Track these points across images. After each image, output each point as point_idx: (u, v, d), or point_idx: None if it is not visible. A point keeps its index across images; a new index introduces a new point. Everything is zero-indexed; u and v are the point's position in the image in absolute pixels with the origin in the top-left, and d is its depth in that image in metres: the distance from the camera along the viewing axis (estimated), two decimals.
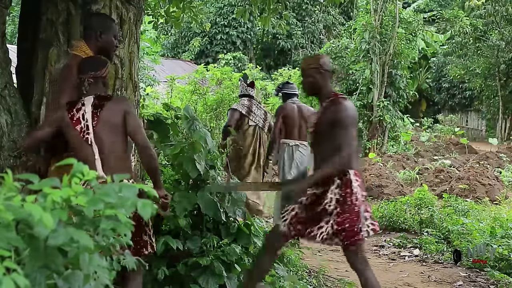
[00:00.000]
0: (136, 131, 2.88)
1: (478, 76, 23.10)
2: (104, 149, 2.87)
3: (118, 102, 2.97)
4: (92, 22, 3.25)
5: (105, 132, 2.87)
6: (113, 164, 2.85)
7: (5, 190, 1.27)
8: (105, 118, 2.88)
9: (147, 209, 1.37)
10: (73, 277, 1.38)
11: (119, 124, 2.88)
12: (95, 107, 2.89)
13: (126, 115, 2.89)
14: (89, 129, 2.86)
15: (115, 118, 2.88)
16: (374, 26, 15.97)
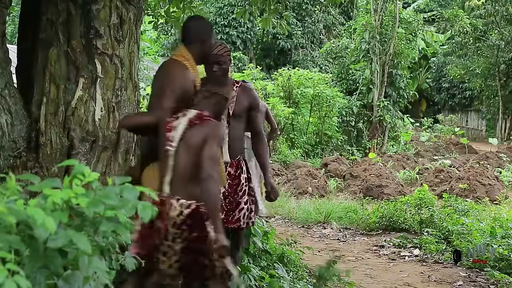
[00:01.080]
0: (205, 161, 2.73)
1: (478, 76, 23.11)
2: (178, 166, 2.79)
3: (207, 127, 2.84)
4: (194, 27, 3.18)
5: (184, 151, 2.80)
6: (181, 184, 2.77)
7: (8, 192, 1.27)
8: (189, 138, 2.81)
9: (147, 211, 1.37)
10: (72, 277, 1.38)
11: (198, 148, 2.77)
12: (189, 123, 2.83)
13: (206, 142, 2.77)
14: (174, 141, 2.81)
15: (196, 141, 2.79)
16: (374, 26, 15.98)
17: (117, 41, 3.51)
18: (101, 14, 3.44)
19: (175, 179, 2.77)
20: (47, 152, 3.32)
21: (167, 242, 2.69)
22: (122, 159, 3.58)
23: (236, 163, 3.65)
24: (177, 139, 2.80)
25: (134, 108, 3.67)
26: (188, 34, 3.14)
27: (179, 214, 2.70)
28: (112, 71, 3.49)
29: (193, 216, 2.71)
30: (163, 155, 2.80)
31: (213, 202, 2.69)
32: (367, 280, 5.10)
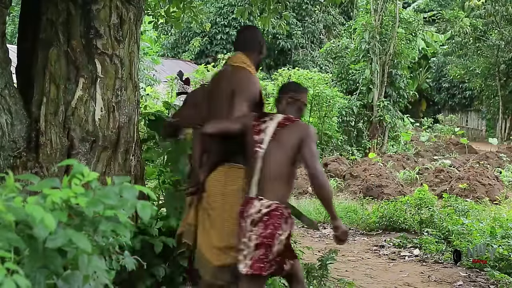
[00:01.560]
0: (308, 159, 2.84)
1: (478, 76, 23.10)
2: (267, 166, 2.88)
3: (300, 127, 2.95)
4: (252, 36, 3.32)
5: (275, 152, 2.89)
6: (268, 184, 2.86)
7: (6, 191, 1.27)
8: (281, 138, 2.90)
9: (146, 210, 1.37)
10: (72, 277, 1.38)
11: (293, 147, 2.87)
12: (278, 125, 2.94)
13: (303, 141, 2.87)
14: (263, 143, 2.91)
15: (291, 141, 2.88)
16: (374, 26, 15.97)
17: (117, 41, 3.51)
18: (101, 14, 3.44)
19: (263, 179, 2.87)
20: (47, 152, 3.33)
21: (244, 239, 2.82)
22: (122, 159, 3.58)
23: None
24: (266, 141, 2.91)
25: (134, 108, 3.67)
26: (246, 42, 3.29)
27: (258, 212, 2.81)
28: (112, 71, 3.49)
29: (271, 215, 2.81)
30: (251, 157, 2.91)
31: (328, 194, 2.85)
32: (367, 280, 5.10)
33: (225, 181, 3.07)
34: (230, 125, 3.03)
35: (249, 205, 2.84)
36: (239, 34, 3.46)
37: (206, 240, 3.05)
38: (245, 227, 2.82)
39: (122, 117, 3.56)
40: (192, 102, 3.51)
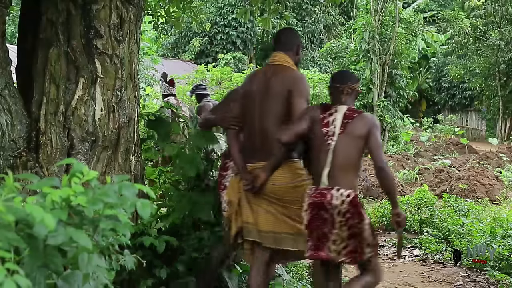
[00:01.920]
0: (375, 150, 3.01)
1: (478, 76, 23.11)
2: (339, 158, 3.00)
3: (367, 118, 3.10)
4: (291, 36, 3.47)
5: (345, 143, 3.01)
6: (340, 175, 3.00)
7: (6, 191, 1.27)
8: (350, 130, 3.02)
9: (146, 209, 1.37)
10: (72, 277, 1.38)
11: (361, 138, 3.02)
12: (346, 117, 3.05)
13: (371, 132, 3.01)
14: (334, 135, 3.02)
15: (360, 132, 3.02)
16: (374, 26, 15.98)
17: (117, 41, 3.51)
18: (101, 14, 3.44)
19: (334, 170, 3.00)
20: (47, 152, 3.33)
21: (335, 231, 2.95)
22: (122, 159, 3.58)
23: None
24: (337, 133, 3.02)
25: (134, 108, 3.67)
26: (286, 43, 3.42)
27: (342, 203, 2.95)
28: (112, 71, 3.49)
29: (353, 204, 2.97)
30: (321, 149, 3.02)
31: (394, 184, 3.07)
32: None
33: (292, 176, 3.23)
34: (300, 127, 3.11)
35: (327, 196, 2.97)
36: (279, 35, 3.55)
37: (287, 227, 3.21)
38: (334, 218, 2.95)
39: (122, 117, 3.56)
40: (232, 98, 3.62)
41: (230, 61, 21.79)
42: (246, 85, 3.45)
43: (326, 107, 3.13)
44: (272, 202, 3.24)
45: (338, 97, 3.17)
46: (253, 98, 3.33)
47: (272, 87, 3.27)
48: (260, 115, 3.28)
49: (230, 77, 13.47)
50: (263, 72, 3.41)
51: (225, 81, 13.27)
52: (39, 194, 1.33)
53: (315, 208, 3.00)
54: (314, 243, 3.00)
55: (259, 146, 3.28)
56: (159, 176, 4.11)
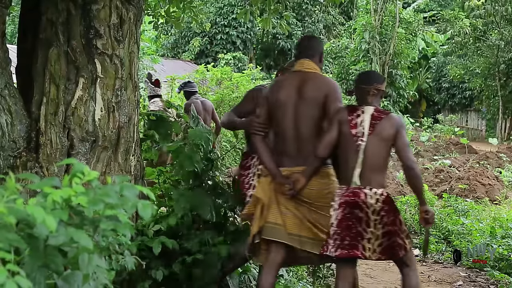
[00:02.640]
0: (403, 150, 3.11)
1: (478, 76, 23.11)
2: (369, 158, 3.11)
3: (394, 118, 3.18)
4: (316, 44, 3.58)
5: (375, 144, 3.11)
6: (370, 175, 3.10)
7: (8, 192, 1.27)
8: (379, 131, 3.12)
9: (147, 210, 1.37)
10: (72, 277, 1.38)
11: (390, 139, 3.12)
12: (373, 118, 3.14)
13: (398, 132, 3.12)
14: (363, 136, 3.12)
15: (388, 132, 3.12)
16: (374, 26, 15.99)
17: (117, 41, 3.51)
18: (101, 14, 3.44)
19: (365, 171, 3.10)
20: (47, 152, 3.33)
21: (370, 229, 3.05)
22: (122, 159, 3.58)
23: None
24: (366, 134, 3.11)
25: (134, 108, 3.67)
26: (311, 50, 3.50)
27: (376, 202, 3.06)
28: (112, 71, 3.49)
29: (387, 202, 3.08)
30: (350, 150, 3.12)
31: (421, 183, 3.14)
32: (367, 280, 5.10)
33: (327, 182, 3.32)
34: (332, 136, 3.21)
35: (361, 195, 3.07)
36: (304, 42, 3.65)
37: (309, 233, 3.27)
38: (369, 217, 3.05)
39: (122, 117, 3.56)
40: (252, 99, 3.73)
41: (230, 61, 21.80)
42: (273, 93, 3.47)
43: (353, 109, 3.21)
44: (301, 206, 3.29)
45: (364, 98, 3.24)
46: (285, 105, 3.37)
47: (306, 93, 3.33)
48: (295, 121, 3.34)
49: (230, 77, 13.46)
50: (292, 79, 3.46)
51: (225, 81, 13.26)
52: (40, 194, 1.33)
53: (347, 207, 3.08)
54: (348, 242, 3.05)
55: (294, 151, 3.34)
56: (158, 176, 4.11)
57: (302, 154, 3.31)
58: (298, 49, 3.58)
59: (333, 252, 3.09)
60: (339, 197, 3.13)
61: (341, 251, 3.07)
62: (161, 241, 3.30)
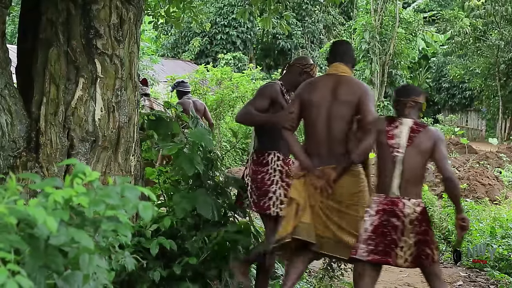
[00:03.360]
0: (442, 162, 3.20)
1: (478, 76, 23.10)
2: (407, 170, 3.18)
3: (432, 131, 3.28)
4: (349, 49, 3.70)
5: (413, 156, 3.19)
6: (409, 186, 3.19)
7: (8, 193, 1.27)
8: (417, 144, 3.20)
9: (148, 211, 1.37)
10: (72, 277, 1.38)
11: (427, 151, 3.21)
12: (412, 130, 3.23)
13: (436, 145, 3.20)
14: (400, 148, 3.20)
15: (426, 145, 3.20)
16: (374, 26, 15.99)
17: (117, 41, 3.51)
18: (101, 14, 3.44)
19: (403, 181, 3.18)
20: (47, 152, 3.33)
21: (404, 238, 3.13)
22: (122, 159, 3.58)
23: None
24: (403, 146, 3.19)
25: (134, 108, 3.67)
26: (344, 55, 3.62)
27: (413, 212, 3.15)
28: (112, 71, 3.49)
29: (422, 213, 3.18)
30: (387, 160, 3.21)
31: (459, 192, 3.21)
32: None
33: (358, 181, 3.41)
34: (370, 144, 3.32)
35: (399, 204, 3.16)
36: (337, 46, 3.75)
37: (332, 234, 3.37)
38: (405, 226, 3.14)
39: (122, 117, 3.56)
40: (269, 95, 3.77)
41: (230, 61, 21.80)
42: (307, 93, 3.55)
43: (391, 120, 3.30)
44: (331, 206, 3.39)
45: (402, 110, 3.32)
46: (319, 106, 3.46)
47: (340, 96, 3.43)
48: (328, 122, 3.43)
49: (230, 77, 13.46)
50: (326, 81, 3.55)
51: (225, 81, 13.26)
52: (41, 194, 1.33)
53: (385, 215, 3.17)
54: (382, 248, 3.14)
55: (326, 152, 3.44)
56: (158, 176, 4.10)
57: (334, 155, 3.40)
58: (332, 53, 3.67)
59: (365, 257, 3.16)
60: (377, 204, 3.22)
61: (374, 256, 3.15)
62: (159, 242, 3.29)
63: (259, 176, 3.75)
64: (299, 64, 3.93)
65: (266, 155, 3.78)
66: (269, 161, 3.76)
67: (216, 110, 12.73)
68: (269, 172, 3.75)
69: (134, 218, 3.51)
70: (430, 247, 3.16)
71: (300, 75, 3.91)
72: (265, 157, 3.78)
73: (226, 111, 13.07)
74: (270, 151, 3.79)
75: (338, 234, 3.36)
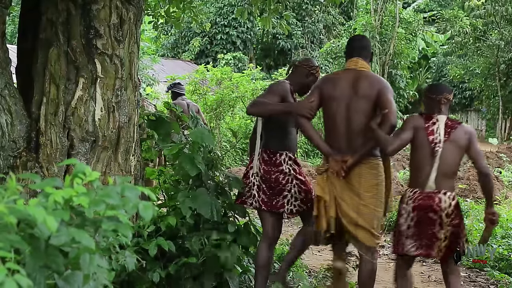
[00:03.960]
0: (478, 158, 3.38)
1: (478, 76, 23.09)
2: (444, 164, 3.33)
3: (467, 127, 3.46)
4: (367, 44, 3.77)
5: (450, 150, 3.35)
6: (444, 179, 3.35)
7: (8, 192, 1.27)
8: (453, 139, 3.36)
9: (148, 211, 1.37)
10: (73, 277, 1.38)
11: (463, 146, 3.37)
12: (447, 126, 3.38)
13: (471, 142, 3.37)
14: (440, 143, 3.34)
15: (462, 141, 3.36)
16: (374, 26, 15.99)
17: (117, 41, 3.51)
18: (101, 14, 3.44)
19: (439, 175, 3.33)
20: (47, 152, 3.33)
21: (442, 231, 3.32)
22: (122, 159, 3.58)
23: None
24: (442, 140, 3.34)
25: (134, 108, 3.67)
26: (362, 50, 3.69)
27: (449, 206, 3.32)
28: (112, 71, 3.49)
29: (456, 206, 3.35)
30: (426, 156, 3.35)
31: (493, 187, 3.39)
32: None
33: (376, 174, 3.52)
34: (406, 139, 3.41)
35: (436, 199, 3.32)
36: (355, 42, 3.81)
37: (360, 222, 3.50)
38: (442, 220, 3.31)
39: (122, 117, 3.56)
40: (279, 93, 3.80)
41: (230, 61, 21.80)
42: (326, 87, 3.63)
43: (428, 116, 3.43)
44: (352, 199, 3.52)
45: (436, 107, 3.45)
46: (339, 100, 3.54)
47: (360, 90, 3.51)
48: (347, 115, 3.52)
49: (230, 77, 13.46)
50: (346, 76, 3.62)
51: (225, 81, 13.26)
52: (41, 194, 1.33)
53: (423, 211, 3.33)
54: (425, 243, 3.34)
55: (345, 144, 3.53)
56: (159, 176, 4.10)
57: (353, 148, 3.49)
58: (350, 48, 3.74)
59: (413, 252, 3.37)
60: (413, 200, 3.37)
61: (420, 251, 3.36)
62: (157, 243, 3.29)
63: (273, 176, 3.79)
64: (306, 66, 3.98)
65: (278, 155, 3.83)
66: (282, 162, 3.81)
67: (216, 110, 12.73)
68: (284, 171, 3.80)
69: (134, 218, 3.51)
70: (462, 239, 3.35)
71: (306, 76, 3.96)
72: (277, 157, 3.82)
73: (226, 111, 13.08)
74: (281, 151, 3.84)
75: (353, 231, 3.52)
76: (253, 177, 3.85)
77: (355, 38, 3.96)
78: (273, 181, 3.79)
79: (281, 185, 3.79)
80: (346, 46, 3.84)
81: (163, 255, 3.51)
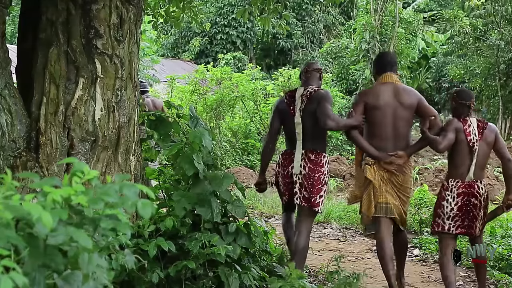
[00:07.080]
0: (503, 149, 4.09)
1: (478, 76, 23.06)
2: (479, 159, 4.01)
3: (493, 126, 4.15)
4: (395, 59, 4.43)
5: (482, 147, 4.01)
6: (479, 171, 4.04)
7: (4, 188, 1.27)
8: (484, 137, 4.03)
9: (147, 209, 1.37)
10: (72, 277, 1.37)
11: (492, 143, 4.06)
12: (479, 127, 4.05)
13: (497, 138, 4.09)
14: (476, 142, 4.00)
15: (490, 139, 4.05)
16: (374, 26, 15.98)
17: (117, 41, 3.52)
18: (101, 14, 3.44)
19: (476, 168, 4.01)
20: (47, 152, 3.33)
21: (481, 213, 4.03)
22: (122, 159, 3.58)
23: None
24: (477, 139, 4.00)
25: (134, 108, 3.67)
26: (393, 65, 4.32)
27: (485, 192, 4.06)
28: (112, 71, 3.49)
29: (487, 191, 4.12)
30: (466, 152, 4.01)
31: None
32: (367, 280, 5.08)
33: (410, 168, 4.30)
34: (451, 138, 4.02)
35: (475, 187, 4.02)
36: (387, 58, 4.44)
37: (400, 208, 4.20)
38: (481, 203, 4.01)
39: (122, 117, 3.56)
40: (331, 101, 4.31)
41: (230, 61, 21.79)
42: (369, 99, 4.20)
43: (464, 120, 4.05)
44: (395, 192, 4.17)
45: (465, 111, 4.09)
46: (385, 109, 4.13)
47: (404, 101, 4.15)
48: (393, 122, 4.14)
49: (230, 77, 13.47)
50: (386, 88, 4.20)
51: (225, 81, 13.26)
52: (40, 193, 1.33)
53: (466, 196, 4.00)
54: (467, 223, 4.01)
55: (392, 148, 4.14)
56: (158, 176, 4.10)
57: (398, 149, 4.14)
58: (382, 63, 4.33)
59: (454, 230, 4.04)
60: (456, 188, 4.03)
61: (461, 229, 4.04)
62: (157, 243, 3.28)
63: (316, 175, 4.22)
64: (318, 70, 4.46)
65: (322, 157, 4.28)
66: (324, 163, 4.28)
67: (216, 110, 12.73)
68: (325, 173, 4.28)
69: (134, 218, 3.51)
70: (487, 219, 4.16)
71: (319, 79, 4.45)
72: (322, 158, 4.27)
73: (226, 111, 13.07)
74: (324, 153, 4.33)
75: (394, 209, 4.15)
76: (295, 177, 4.23)
77: (386, 54, 4.71)
78: (315, 180, 4.20)
79: (320, 185, 4.22)
80: (377, 60, 4.43)
81: (163, 255, 3.50)
